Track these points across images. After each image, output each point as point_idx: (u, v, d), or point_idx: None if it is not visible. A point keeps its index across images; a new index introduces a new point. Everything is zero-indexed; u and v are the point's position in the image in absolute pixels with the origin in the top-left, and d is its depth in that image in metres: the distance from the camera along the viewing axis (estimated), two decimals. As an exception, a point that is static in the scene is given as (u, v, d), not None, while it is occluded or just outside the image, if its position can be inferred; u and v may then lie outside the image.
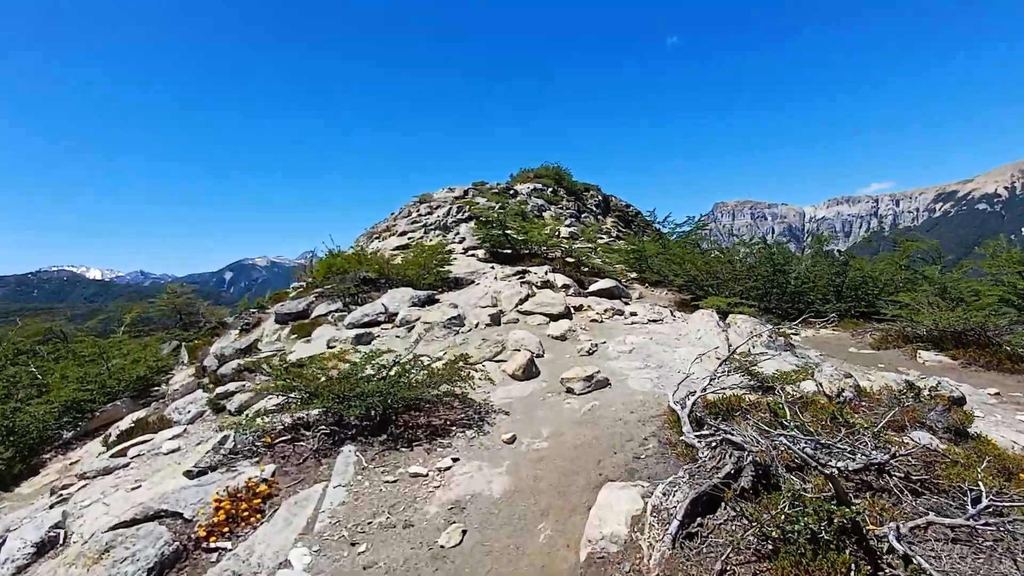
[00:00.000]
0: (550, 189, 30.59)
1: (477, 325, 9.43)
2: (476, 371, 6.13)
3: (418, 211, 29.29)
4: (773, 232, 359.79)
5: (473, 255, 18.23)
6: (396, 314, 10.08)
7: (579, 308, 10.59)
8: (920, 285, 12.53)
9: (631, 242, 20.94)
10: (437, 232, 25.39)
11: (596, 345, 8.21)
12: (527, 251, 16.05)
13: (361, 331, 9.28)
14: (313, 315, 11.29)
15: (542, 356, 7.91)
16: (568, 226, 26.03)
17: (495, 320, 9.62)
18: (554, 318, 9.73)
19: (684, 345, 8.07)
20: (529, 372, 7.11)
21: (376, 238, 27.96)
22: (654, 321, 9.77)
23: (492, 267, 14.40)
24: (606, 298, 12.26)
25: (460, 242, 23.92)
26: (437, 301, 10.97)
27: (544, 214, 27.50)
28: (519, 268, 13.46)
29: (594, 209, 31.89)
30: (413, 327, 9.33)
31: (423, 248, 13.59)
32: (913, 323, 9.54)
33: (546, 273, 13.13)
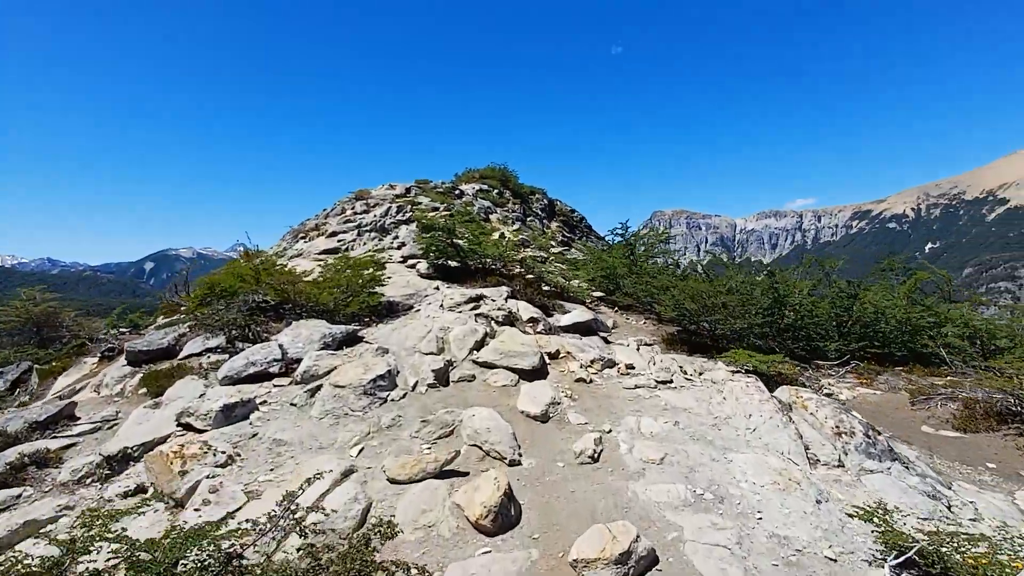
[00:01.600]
0: (496, 191, 28.85)
1: (415, 387, 6.48)
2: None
3: (353, 208, 25.97)
4: (707, 242, 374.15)
5: (414, 267, 15.20)
6: (298, 361, 6.96)
7: (555, 355, 7.83)
8: (944, 325, 10.67)
9: (593, 254, 18.50)
10: (373, 235, 22.03)
11: (600, 440, 5.34)
12: (479, 265, 13.17)
13: (239, 392, 6.11)
14: (182, 354, 7.94)
15: (518, 463, 5.03)
16: (517, 231, 23.63)
17: (441, 378, 6.70)
18: (526, 375, 6.92)
19: (738, 445, 5.37)
20: (505, 518, 4.10)
21: (302, 238, 24.42)
22: (664, 383, 7.13)
23: (437, 287, 11.42)
24: (581, 334, 9.60)
25: (399, 248, 20.77)
26: (360, 339, 7.92)
27: (491, 217, 25.07)
28: (472, 291, 10.56)
29: (539, 213, 30.45)
30: (319, 388, 6.26)
31: (348, 261, 10.44)
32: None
33: (506, 299, 10.31)
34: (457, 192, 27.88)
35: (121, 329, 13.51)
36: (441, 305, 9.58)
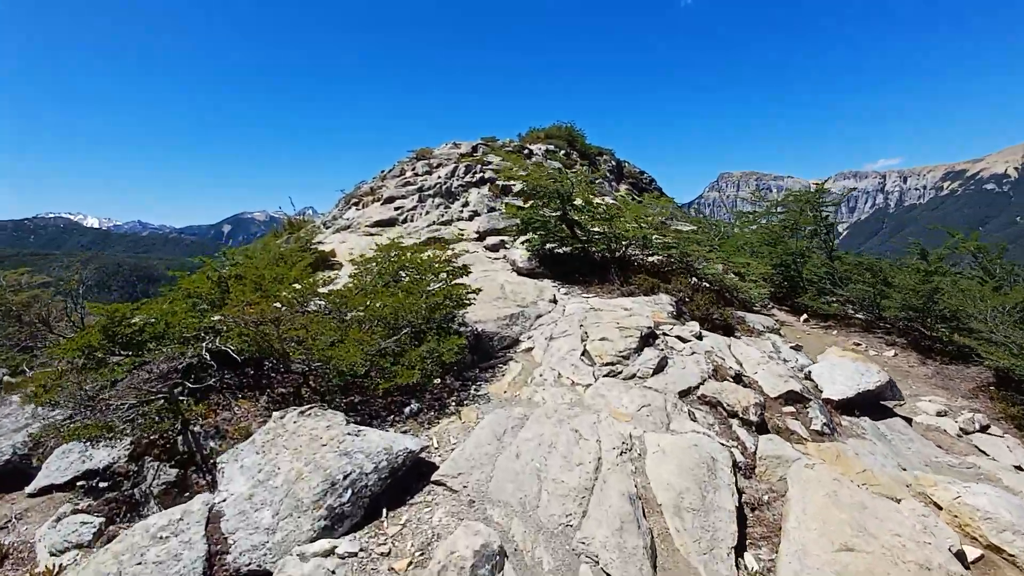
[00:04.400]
0: (563, 151, 25.19)
1: None
2: None
3: (413, 169, 21.53)
4: (756, 202, 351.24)
5: (497, 251, 10.66)
6: None
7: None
8: None
9: (757, 234, 13.43)
10: (437, 200, 17.48)
11: None
12: (607, 254, 8.39)
13: None
14: (40, 481, 3.69)
15: None
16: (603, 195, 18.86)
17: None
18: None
19: None
20: None
21: (355, 204, 20.29)
22: None
23: (554, 298, 6.84)
24: (859, 409, 4.80)
25: (470, 218, 16.18)
26: (424, 477, 3.44)
27: None
28: (611, 302, 6.08)
29: (608, 175, 26.79)
30: None
31: (403, 255, 5.87)
32: None
33: (689, 324, 5.61)
34: (527, 152, 24.27)
35: None
36: (583, 354, 4.97)
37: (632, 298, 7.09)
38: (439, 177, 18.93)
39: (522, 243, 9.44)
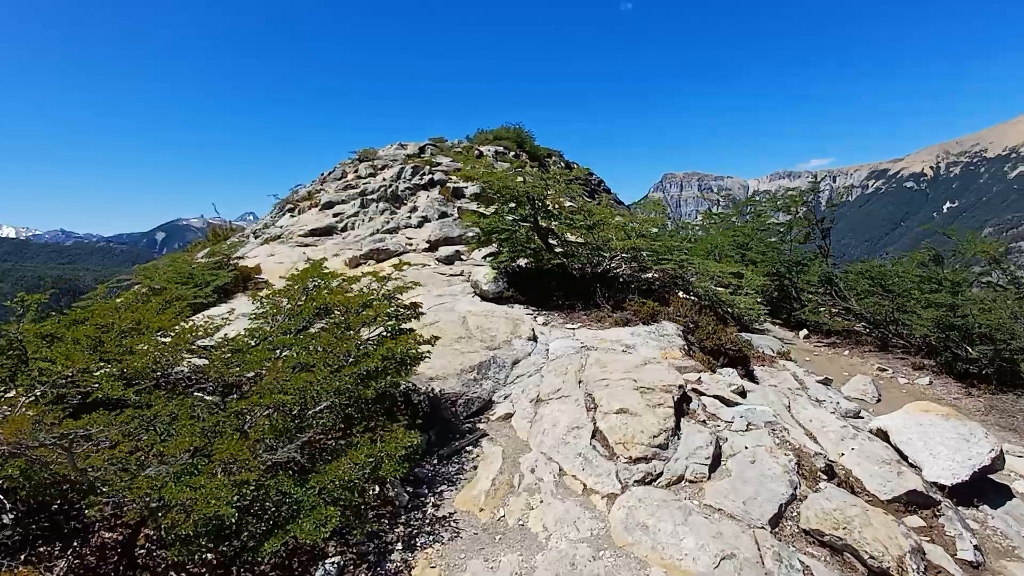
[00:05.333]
0: (512, 152, 24.24)
1: None
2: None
3: (356, 172, 19.66)
4: (719, 204, 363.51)
5: (452, 264, 9.06)
6: None
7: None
8: None
9: (715, 236, 12.34)
10: (382, 206, 15.65)
11: None
12: (591, 269, 6.89)
13: None
14: None
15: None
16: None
17: None
18: None
19: None
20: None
21: (290, 210, 18.12)
22: None
23: (533, 334, 5.25)
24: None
25: (419, 225, 14.46)
26: None
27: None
28: (603, 334, 4.58)
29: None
30: None
31: (324, 296, 4.10)
32: None
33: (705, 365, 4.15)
34: (477, 152, 22.56)
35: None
36: (594, 436, 3.48)
37: (629, 328, 5.59)
38: (384, 180, 17.04)
39: (486, 259, 7.79)
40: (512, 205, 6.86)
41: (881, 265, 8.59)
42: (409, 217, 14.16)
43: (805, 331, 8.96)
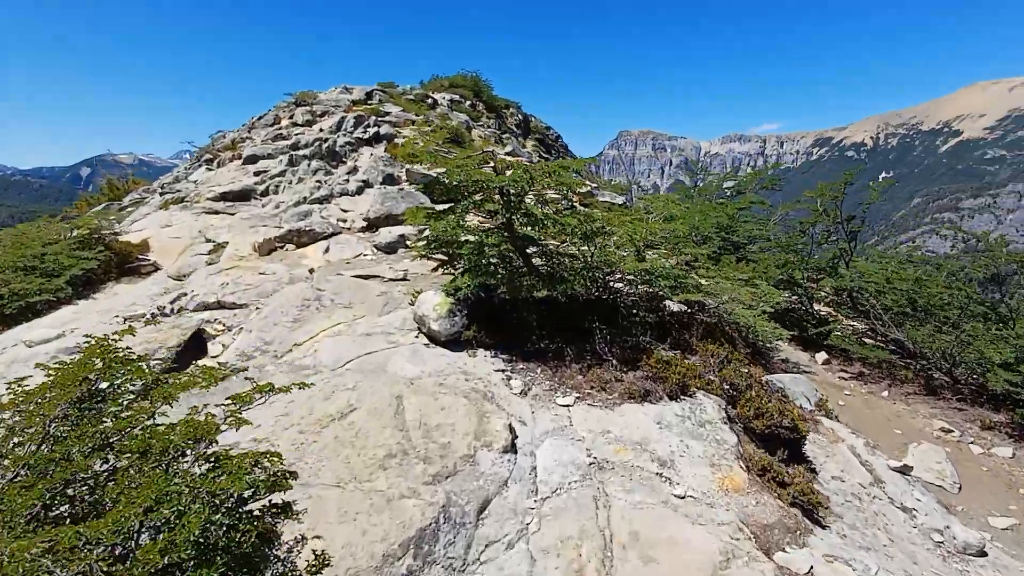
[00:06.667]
0: (468, 102, 23.02)
1: None
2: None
3: (291, 118, 16.87)
4: (671, 164, 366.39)
5: (401, 261, 7.19)
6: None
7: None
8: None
9: (689, 214, 11.03)
10: (315, 164, 13.27)
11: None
12: (589, 295, 5.14)
13: None
14: None
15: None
16: (510, 154, 16.09)
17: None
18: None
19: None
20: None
21: (209, 160, 15.37)
22: None
23: (509, 426, 3.48)
24: None
25: (357, 191, 12.34)
26: None
27: (472, 133, 17.83)
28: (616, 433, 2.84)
29: (514, 129, 25.64)
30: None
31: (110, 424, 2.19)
32: None
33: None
34: (431, 101, 20.67)
35: None
36: None
37: (652, 406, 3.99)
38: (321, 131, 14.45)
39: (442, 286, 5.78)
40: (479, 202, 4.92)
41: (909, 274, 7.28)
42: (347, 181, 11.86)
43: (823, 354, 7.65)
